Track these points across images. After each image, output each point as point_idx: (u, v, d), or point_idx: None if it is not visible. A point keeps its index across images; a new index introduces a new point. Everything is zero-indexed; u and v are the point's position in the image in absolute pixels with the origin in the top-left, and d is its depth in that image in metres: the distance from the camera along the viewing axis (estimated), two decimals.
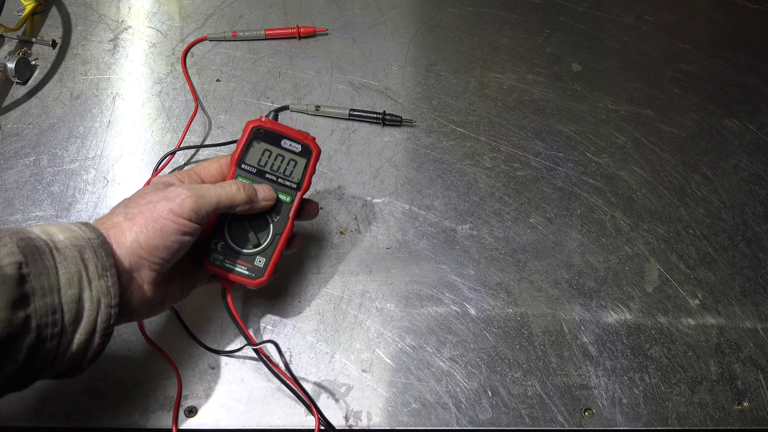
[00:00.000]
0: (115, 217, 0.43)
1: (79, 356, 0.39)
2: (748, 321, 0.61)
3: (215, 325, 0.57)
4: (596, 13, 0.83)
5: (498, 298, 0.60)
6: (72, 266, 0.38)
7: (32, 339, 0.36)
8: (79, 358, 0.39)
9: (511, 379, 0.56)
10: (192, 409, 0.52)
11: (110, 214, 0.44)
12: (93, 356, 0.40)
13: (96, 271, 0.39)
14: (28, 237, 0.37)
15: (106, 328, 0.40)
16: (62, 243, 0.38)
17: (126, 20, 0.76)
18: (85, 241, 0.39)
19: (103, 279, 0.39)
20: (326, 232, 0.63)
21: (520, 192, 0.67)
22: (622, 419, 0.55)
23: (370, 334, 0.57)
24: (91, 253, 0.39)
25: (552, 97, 0.74)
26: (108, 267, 0.39)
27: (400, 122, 0.69)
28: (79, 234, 0.40)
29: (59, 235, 0.39)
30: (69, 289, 0.37)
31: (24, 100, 0.69)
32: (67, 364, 0.39)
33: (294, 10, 0.78)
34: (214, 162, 0.50)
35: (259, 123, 0.50)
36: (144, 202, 0.43)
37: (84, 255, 0.39)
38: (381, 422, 0.53)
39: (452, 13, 0.80)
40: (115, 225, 0.43)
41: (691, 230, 0.66)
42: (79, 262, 0.38)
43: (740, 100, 0.76)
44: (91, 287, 0.38)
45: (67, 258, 0.38)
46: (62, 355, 0.38)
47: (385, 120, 0.69)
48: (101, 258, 0.39)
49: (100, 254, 0.39)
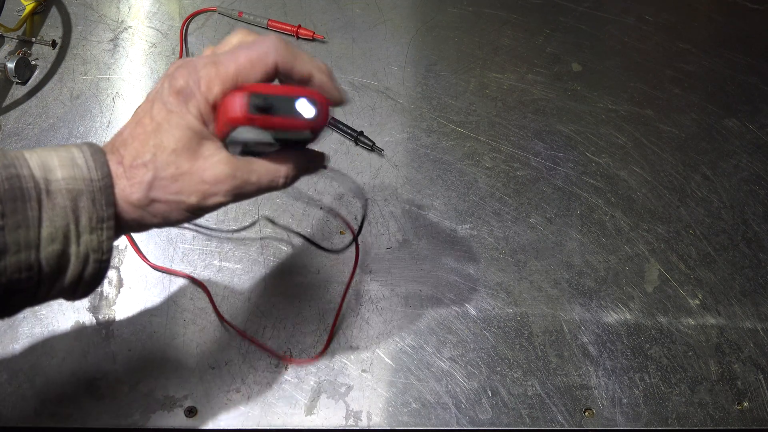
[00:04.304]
0: (141, 157, 0.35)
1: (65, 296, 0.37)
2: (748, 321, 0.61)
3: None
4: (596, 13, 0.82)
5: (498, 298, 0.60)
6: (59, 219, 0.33)
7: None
8: (66, 296, 0.37)
9: (511, 379, 0.56)
10: (192, 409, 0.52)
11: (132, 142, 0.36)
12: (84, 292, 0.37)
13: (89, 223, 0.34)
14: (16, 175, 0.32)
15: (94, 278, 0.36)
16: (56, 185, 0.33)
17: (126, 20, 0.76)
18: (85, 183, 0.34)
19: (96, 232, 0.35)
20: (326, 232, 0.63)
21: (520, 192, 0.67)
22: (622, 419, 0.55)
23: (370, 334, 0.57)
24: (88, 201, 0.34)
25: (552, 97, 0.74)
26: (105, 218, 0.35)
27: (372, 148, 0.67)
28: (81, 174, 0.34)
29: (57, 172, 0.34)
30: (50, 245, 0.33)
31: (24, 100, 0.69)
32: (52, 299, 0.36)
33: (294, 10, 0.78)
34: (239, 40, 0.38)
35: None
36: (171, 175, 0.36)
37: (78, 203, 0.34)
38: (381, 422, 0.53)
39: (452, 13, 0.80)
40: (132, 167, 0.35)
41: (691, 230, 0.66)
42: (69, 214, 0.33)
43: (740, 100, 0.76)
44: (79, 242, 0.34)
45: (56, 207, 0.33)
46: (42, 299, 0.35)
47: (358, 140, 0.67)
48: (99, 207, 0.34)
49: (98, 202, 0.34)
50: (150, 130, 0.35)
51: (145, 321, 0.56)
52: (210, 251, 0.60)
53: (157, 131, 0.35)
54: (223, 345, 0.56)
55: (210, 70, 0.35)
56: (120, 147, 0.36)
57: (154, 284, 0.58)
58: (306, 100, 0.35)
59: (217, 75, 0.35)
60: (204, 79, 0.35)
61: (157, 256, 0.60)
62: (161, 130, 0.35)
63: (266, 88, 0.35)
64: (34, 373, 0.53)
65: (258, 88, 0.35)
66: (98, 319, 0.56)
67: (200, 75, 0.35)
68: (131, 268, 0.59)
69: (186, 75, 0.35)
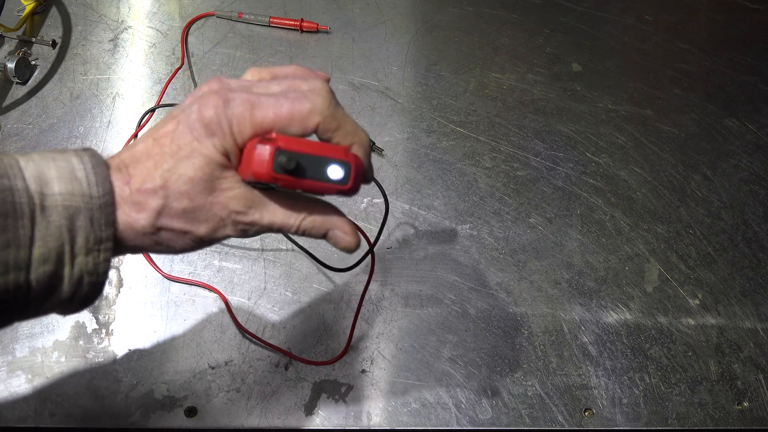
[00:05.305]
0: (150, 182, 0.33)
1: (56, 312, 0.34)
2: (748, 321, 0.61)
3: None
4: (596, 13, 0.82)
5: (498, 298, 0.60)
6: (53, 239, 0.31)
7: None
8: (56, 313, 0.35)
9: (511, 379, 0.56)
10: (192, 409, 0.52)
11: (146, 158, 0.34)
12: (75, 309, 0.34)
13: (85, 244, 0.32)
14: (9, 188, 0.30)
15: (87, 297, 0.34)
16: (52, 200, 0.31)
17: (126, 20, 0.76)
18: (83, 200, 0.31)
19: (92, 254, 0.32)
20: None
21: (520, 192, 0.67)
22: (622, 419, 0.55)
23: (370, 334, 0.57)
24: (86, 220, 0.31)
25: (552, 97, 0.74)
26: (103, 239, 0.32)
27: (372, 148, 0.66)
28: (80, 189, 0.31)
29: (54, 185, 0.31)
30: (42, 266, 0.31)
31: (24, 100, 0.69)
32: (42, 316, 0.34)
33: (294, 10, 0.78)
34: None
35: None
36: (183, 208, 0.34)
37: (75, 222, 0.31)
38: (381, 422, 0.53)
39: (452, 13, 0.80)
40: (141, 191, 0.33)
41: (691, 230, 0.66)
42: (64, 234, 0.31)
43: (740, 100, 0.76)
44: (73, 263, 0.32)
45: (50, 225, 0.31)
46: (31, 316, 0.33)
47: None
48: (97, 227, 0.32)
49: (97, 222, 0.32)
50: (168, 152, 0.33)
51: (145, 321, 0.56)
52: (210, 251, 0.60)
53: (175, 155, 0.33)
54: (223, 345, 0.56)
55: (245, 111, 0.33)
56: (130, 165, 0.34)
57: (154, 284, 0.58)
58: (338, 165, 0.33)
59: (252, 119, 0.33)
60: (237, 120, 0.33)
61: (157, 255, 0.60)
62: (180, 155, 0.33)
63: (297, 144, 0.33)
64: (34, 373, 0.53)
65: (288, 143, 0.32)
66: (98, 319, 0.56)
67: (234, 113, 0.33)
68: (131, 268, 0.59)
69: (218, 107, 0.33)
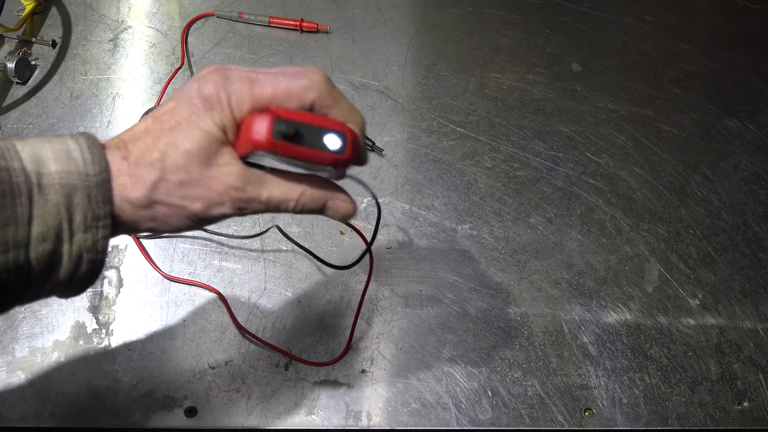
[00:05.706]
0: (148, 154, 0.33)
1: (56, 294, 0.35)
2: (748, 321, 0.61)
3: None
4: (596, 13, 0.82)
5: (498, 298, 0.60)
6: (51, 216, 0.31)
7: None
8: (57, 295, 0.35)
9: (511, 379, 0.56)
10: (192, 409, 0.52)
11: (143, 136, 0.34)
12: (76, 291, 0.35)
13: (83, 221, 0.32)
14: (6, 168, 0.30)
15: (87, 277, 0.34)
16: (49, 179, 0.31)
17: (126, 20, 0.76)
18: (80, 178, 0.32)
19: (90, 231, 0.32)
20: (326, 232, 0.63)
21: (520, 192, 0.67)
22: (622, 419, 0.55)
23: (370, 334, 0.57)
24: (83, 197, 0.32)
25: (552, 97, 0.74)
26: (101, 216, 0.32)
27: (372, 148, 0.67)
28: (76, 168, 0.32)
29: (51, 165, 0.32)
30: (41, 244, 0.31)
31: (24, 100, 0.69)
32: (43, 298, 0.35)
33: (294, 10, 0.78)
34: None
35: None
36: (178, 180, 0.34)
37: (73, 199, 0.31)
38: (381, 422, 0.53)
39: (452, 13, 0.80)
40: (138, 164, 0.33)
41: (691, 230, 0.66)
42: (62, 211, 0.31)
43: (740, 100, 0.76)
44: (72, 241, 0.32)
45: (48, 203, 0.31)
46: (32, 298, 0.34)
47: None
48: (94, 204, 0.32)
49: (94, 199, 0.32)
50: (167, 127, 0.33)
51: (145, 321, 0.56)
52: (210, 251, 0.60)
53: (174, 129, 0.33)
54: (223, 345, 0.56)
55: (244, 86, 0.33)
56: (129, 142, 0.34)
57: (154, 284, 0.58)
58: (335, 134, 0.33)
59: (251, 94, 0.33)
60: (236, 93, 0.33)
61: (157, 255, 0.60)
62: (179, 129, 0.33)
63: (294, 114, 0.33)
64: (34, 373, 0.53)
65: (286, 113, 0.33)
66: (98, 319, 0.56)
67: (233, 88, 0.33)
68: (131, 268, 0.59)
69: (218, 83, 0.33)
